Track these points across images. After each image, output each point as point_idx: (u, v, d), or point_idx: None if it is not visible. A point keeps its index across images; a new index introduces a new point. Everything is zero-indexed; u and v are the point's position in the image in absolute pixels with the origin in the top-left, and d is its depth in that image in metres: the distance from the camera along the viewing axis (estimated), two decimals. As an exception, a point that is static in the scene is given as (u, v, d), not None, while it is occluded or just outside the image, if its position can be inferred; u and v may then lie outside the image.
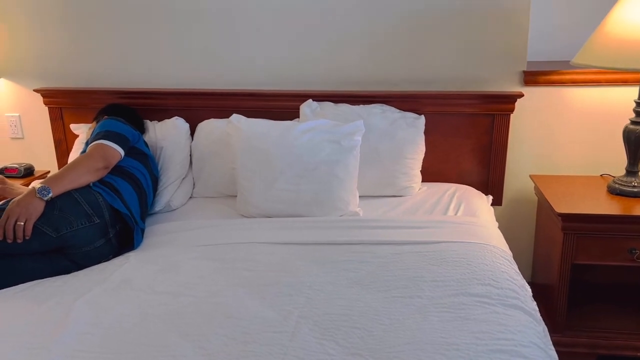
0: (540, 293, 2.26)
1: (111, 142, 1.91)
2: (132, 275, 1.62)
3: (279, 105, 2.32)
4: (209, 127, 2.27)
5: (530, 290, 1.57)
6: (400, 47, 2.29)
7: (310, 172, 1.97)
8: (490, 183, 2.32)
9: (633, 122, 2.01)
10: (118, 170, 1.93)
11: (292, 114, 2.27)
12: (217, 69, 2.39)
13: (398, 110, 2.24)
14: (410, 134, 2.17)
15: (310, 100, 2.25)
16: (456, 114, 2.28)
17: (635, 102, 2.00)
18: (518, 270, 1.65)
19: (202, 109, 2.36)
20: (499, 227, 2.05)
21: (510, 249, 2.00)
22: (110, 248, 1.80)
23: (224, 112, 2.27)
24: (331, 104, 2.27)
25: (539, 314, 1.44)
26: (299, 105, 2.24)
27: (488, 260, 1.61)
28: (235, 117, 2.12)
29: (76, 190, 1.76)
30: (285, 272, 1.60)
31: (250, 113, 2.23)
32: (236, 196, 2.09)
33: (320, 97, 2.29)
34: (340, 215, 1.99)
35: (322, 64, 2.35)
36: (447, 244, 1.71)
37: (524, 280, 1.59)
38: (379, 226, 1.88)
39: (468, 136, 2.29)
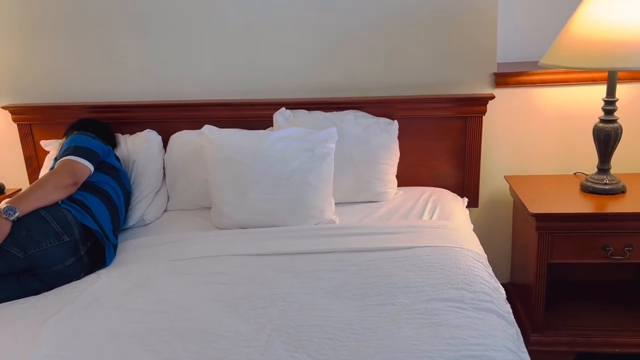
0: (519, 293, 2.28)
1: (80, 158, 1.88)
2: (104, 293, 1.59)
3: (253, 115, 2.31)
4: (182, 138, 2.25)
5: (504, 292, 1.57)
6: (373, 53, 2.29)
7: (284, 181, 1.96)
8: (466, 185, 2.33)
9: (602, 121, 2.03)
10: (88, 186, 1.90)
11: (266, 123, 2.26)
12: (189, 80, 2.37)
13: (371, 116, 2.24)
14: (384, 139, 2.17)
15: (283, 109, 2.24)
16: (429, 118, 2.29)
17: (604, 100, 2.02)
18: (492, 273, 1.65)
19: (174, 121, 2.34)
20: (476, 229, 2.06)
21: (488, 249, 2.01)
22: (81, 266, 1.76)
23: (197, 123, 2.25)
24: (305, 111, 2.26)
25: (512, 316, 1.44)
26: (273, 113, 2.23)
27: (462, 264, 1.61)
28: (207, 128, 2.10)
29: (44, 208, 1.73)
30: (259, 284, 1.58)
31: (223, 123, 2.22)
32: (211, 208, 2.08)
33: (293, 105, 2.28)
34: (316, 224, 1.98)
35: (295, 72, 2.34)
36: (421, 248, 1.71)
37: (498, 283, 1.60)
38: (354, 233, 1.87)
39: (442, 139, 2.30)
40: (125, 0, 2.29)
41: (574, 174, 2.29)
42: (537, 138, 2.33)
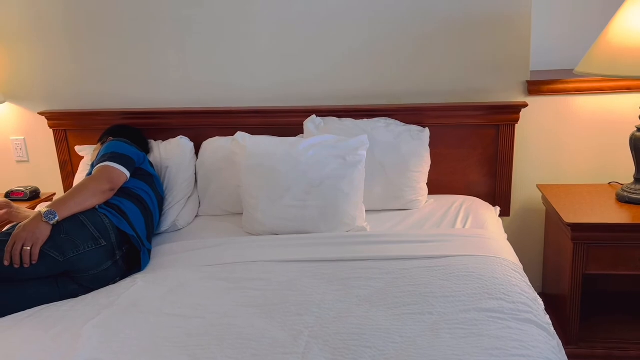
0: (552, 304, 2.24)
1: (117, 164, 1.91)
2: (140, 298, 1.61)
3: (283, 122, 2.32)
4: (214, 145, 2.27)
5: (542, 303, 1.55)
6: (403, 60, 2.29)
7: (315, 188, 1.97)
8: (498, 194, 2.31)
9: (639, 129, 2.00)
10: (124, 191, 1.93)
11: (296, 130, 2.27)
12: (221, 87, 2.40)
13: (402, 124, 2.24)
14: (415, 147, 2.16)
15: (314, 116, 2.25)
16: (461, 126, 2.28)
17: (641, 109, 1.99)
18: (529, 283, 1.63)
19: (206, 128, 2.36)
20: (508, 238, 2.04)
21: (520, 260, 1.99)
22: (117, 270, 1.79)
23: (228, 130, 2.28)
24: (335, 119, 2.27)
25: (552, 328, 1.42)
26: (303, 121, 2.24)
27: (499, 273, 1.59)
28: (240, 135, 2.12)
29: (82, 213, 1.76)
30: (294, 290, 1.58)
31: (254, 130, 2.23)
32: (242, 214, 2.09)
33: (324, 113, 2.29)
34: (347, 231, 1.98)
35: (324, 79, 2.35)
36: (457, 257, 1.70)
37: (536, 293, 1.57)
38: (387, 241, 1.86)
39: (473, 147, 2.28)
40: (160, 8, 2.33)
41: (609, 183, 2.25)
42: (571, 147, 2.30)
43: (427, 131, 2.22)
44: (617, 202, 2.06)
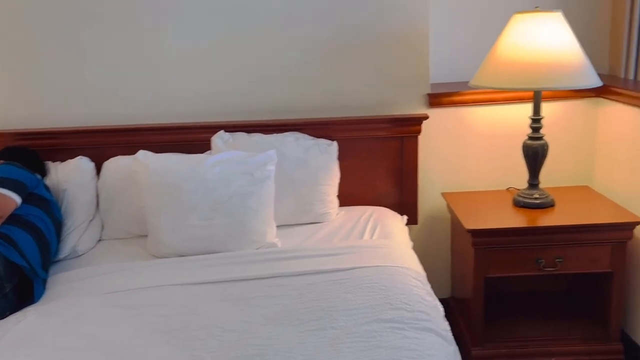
0: (460, 307, 2.33)
1: (5, 190, 1.79)
2: (31, 332, 1.51)
3: (190, 138, 2.27)
4: (115, 165, 2.18)
5: (442, 309, 1.60)
6: (312, 75, 2.32)
7: (222, 205, 1.93)
8: (405, 203, 2.37)
9: (530, 138, 2.12)
10: (15, 219, 1.80)
11: (204, 147, 2.23)
12: (123, 104, 2.31)
13: (311, 138, 2.26)
14: (323, 161, 2.18)
15: (221, 132, 2.22)
16: (368, 138, 2.33)
17: (531, 118, 2.11)
18: (430, 291, 1.67)
19: (108, 147, 2.26)
20: (417, 245, 2.10)
21: (429, 265, 2.05)
22: (7, 304, 1.66)
23: (131, 149, 2.18)
24: (244, 134, 2.25)
25: (450, 334, 1.47)
26: (211, 137, 2.21)
27: (401, 283, 1.63)
28: (142, 153, 2.04)
29: (-35, 244, 1.63)
30: (197, 314, 1.54)
31: (160, 148, 2.17)
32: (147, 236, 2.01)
33: (232, 128, 2.26)
34: (257, 248, 1.96)
35: (233, 94, 2.33)
36: (362, 269, 1.72)
37: (437, 300, 1.62)
38: (296, 256, 1.86)
39: (381, 159, 2.34)
40: (54, 24, 2.22)
41: (507, 189, 2.37)
42: (472, 155, 2.41)
43: (335, 144, 2.25)
44: (514, 207, 2.17)
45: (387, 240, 1.97)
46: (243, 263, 1.83)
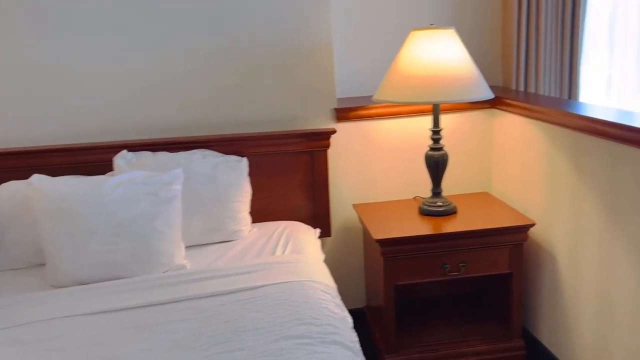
0: (374, 316, 2.38)
1: None
2: None
3: (91, 160, 2.18)
4: (9, 190, 2.04)
5: (351, 321, 1.62)
6: (221, 91, 2.30)
7: (126, 228, 1.86)
8: (318, 216, 2.40)
9: (431, 149, 2.22)
10: None
11: (106, 168, 2.14)
12: (18, 124, 2.17)
13: (220, 154, 2.23)
14: (233, 177, 2.16)
15: (124, 151, 2.14)
16: (279, 153, 2.33)
17: (431, 130, 2.21)
18: (340, 303, 1.69)
19: (2, 171, 2.11)
20: (331, 257, 2.13)
21: (344, 276, 2.07)
22: None
23: (29, 172, 2.04)
24: (149, 153, 2.18)
25: (358, 345, 1.49)
26: (113, 157, 2.12)
27: (310, 297, 1.63)
28: (36, 177, 1.93)
29: None
30: (98, 345, 1.46)
31: (58, 171, 2.07)
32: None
33: (136, 147, 2.19)
34: (165, 271, 1.90)
35: (137, 112, 2.26)
36: (272, 286, 1.71)
37: (346, 312, 1.64)
38: (206, 277, 1.81)
39: (292, 173, 2.35)
40: None
41: (414, 198, 2.46)
42: (380, 166, 2.48)
43: (245, 160, 2.23)
44: (420, 215, 2.26)
45: (299, 255, 1.98)
46: (149, 288, 1.76)
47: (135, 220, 1.87)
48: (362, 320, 2.51)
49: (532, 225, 2.10)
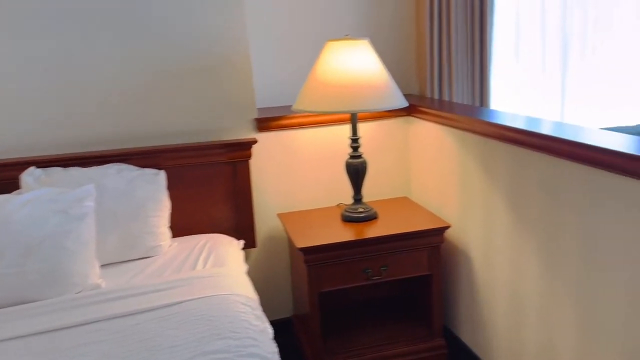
0: (301, 324, 2.38)
1: None
2: None
3: (-4, 177, 2.05)
4: None
5: (271, 332, 1.62)
6: (139, 102, 2.24)
7: (34, 249, 1.76)
8: (242, 227, 2.38)
9: (351, 156, 2.26)
10: None
11: (14, 187, 2.02)
12: None
13: (136, 168, 2.16)
14: (151, 191, 2.10)
15: (32, 168, 2.03)
16: (200, 165, 2.30)
17: (350, 138, 2.25)
18: (261, 314, 1.68)
19: None
20: (257, 268, 2.11)
21: (271, 286, 2.05)
22: None
23: None
24: (59, 169, 2.08)
25: (277, 356, 1.48)
26: (20, 175, 2.01)
27: (230, 311, 1.61)
28: None
29: None
30: (-1, 376, 1.37)
31: (-43, 190, 1.92)
32: (-57, 292, 1.75)
33: (45, 163, 2.08)
34: (79, 292, 1.81)
35: (46, 126, 2.15)
36: (191, 302, 1.67)
37: (266, 324, 1.64)
38: (121, 296, 1.75)
39: (214, 185, 2.32)
40: None
41: (337, 205, 2.50)
42: (304, 175, 2.50)
43: (162, 173, 2.18)
44: (342, 222, 2.29)
45: (221, 268, 1.95)
46: (60, 310, 1.68)
47: (44, 240, 1.77)
48: (289, 329, 2.51)
49: (448, 227, 2.18)
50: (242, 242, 2.28)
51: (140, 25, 2.19)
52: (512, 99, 2.96)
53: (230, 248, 2.15)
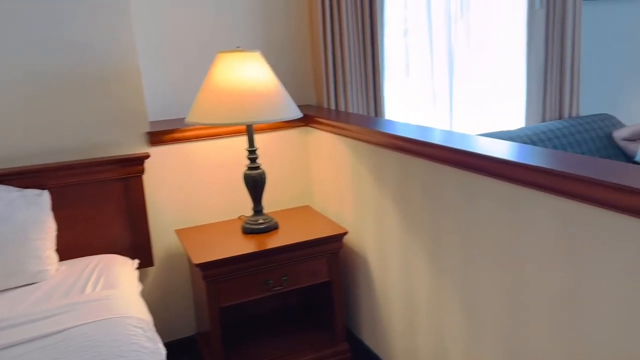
0: (204, 341, 2.33)
1: None
2: None
3: None
4: None
5: (164, 352, 1.57)
6: (18, 117, 2.09)
7: None
8: (137, 246, 2.29)
9: (249, 168, 2.26)
10: None
11: None
12: None
13: (16, 189, 2.02)
14: (33, 213, 1.97)
15: None
16: (89, 183, 2.19)
17: (247, 150, 2.25)
18: (153, 335, 1.62)
19: None
20: (157, 287, 2.03)
21: (172, 305, 1.98)
22: None
23: None
24: None
25: (169, 377, 1.45)
26: None
27: (119, 335, 1.54)
28: None
29: None
30: None
31: None
32: None
33: None
34: (-50, 327, 1.65)
35: None
36: (78, 328, 1.58)
37: (158, 344, 1.58)
38: (2, 327, 1.61)
39: (106, 203, 2.22)
40: None
41: (239, 217, 2.48)
42: (203, 189, 2.46)
43: (46, 193, 2.05)
44: (243, 235, 2.28)
45: (111, 290, 1.86)
46: None
47: None
48: (193, 346, 2.46)
49: (345, 233, 2.24)
50: (136, 262, 2.19)
51: (19, 34, 2.05)
52: (405, 109, 3.10)
53: (123, 268, 2.06)
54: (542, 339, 1.41)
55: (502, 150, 1.51)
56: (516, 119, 3.30)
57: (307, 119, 2.50)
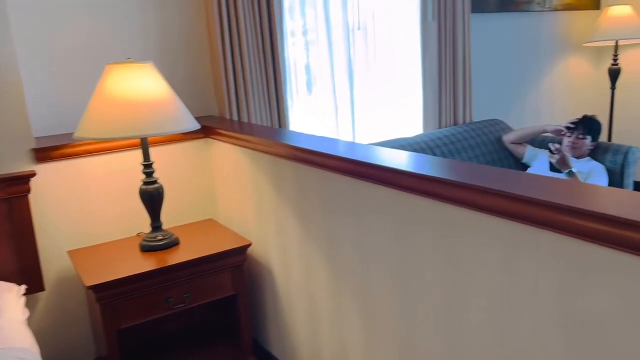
0: (103, 367, 2.22)
1: None
2: None
3: None
4: None
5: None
6: None
7: None
8: (26, 270, 2.14)
9: (145, 182, 2.18)
10: None
11: None
12: None
13: None
14: None
15: None
16: (-34, 205, 2.02)
17: (142, 164, 2.18)
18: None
19: None
20: (50, 313, 1.91)
21: (69, 330, 1.84)
22: None
23: None
24: None
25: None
26: None
27: (-4, 368, 1.44)
28: None
29: None
30: None
31: None
32: None
33: None
34: None
35: None
36: (-51, 365, 1.46)
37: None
38: None
39: (-14, 226, 2.06)
40: None
41: (137, 234, 2.39)
42: (98, 206, 2.35)
43: None
44: (141, 252, 2.19)
45: (-9, 320, 1.73)
46: None
47: None
48: (93, 373, 2.33)
49: (249, 245, 2.23)
50: (23, 287, 2.04)
51: None
52: (311, 120, 3.14)
53: (7, 296, 1.92)
54: (431, 340, 1.47)
55: (387, 158, 1.57)
56: (415, 126, 3.44)
57: (208, 131, 2.46)
